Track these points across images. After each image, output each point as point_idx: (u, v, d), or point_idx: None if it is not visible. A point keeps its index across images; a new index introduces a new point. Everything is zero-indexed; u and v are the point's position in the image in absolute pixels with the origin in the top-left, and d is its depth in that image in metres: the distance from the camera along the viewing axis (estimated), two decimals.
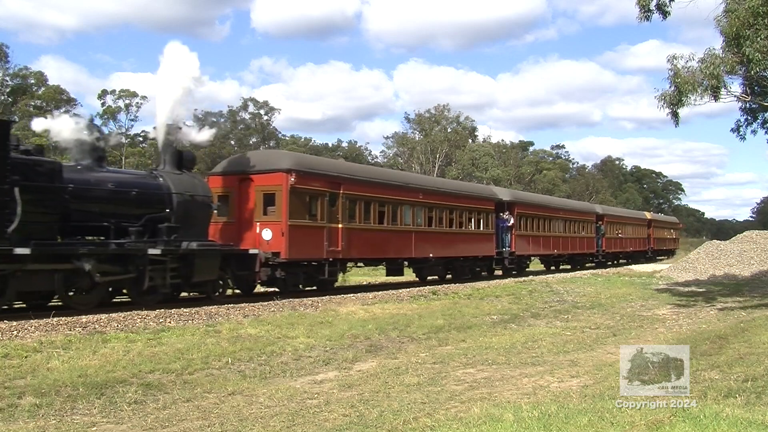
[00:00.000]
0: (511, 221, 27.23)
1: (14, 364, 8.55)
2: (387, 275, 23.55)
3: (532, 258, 32.55)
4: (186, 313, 12.83)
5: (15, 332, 10.16)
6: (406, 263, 22.49)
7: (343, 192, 18.45)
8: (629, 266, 38.11)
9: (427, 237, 22.23)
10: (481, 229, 25.74)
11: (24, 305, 13.14)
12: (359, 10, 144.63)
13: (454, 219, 23.92)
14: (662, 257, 51.04)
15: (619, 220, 42.33)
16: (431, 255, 22.30)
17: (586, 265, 37.08)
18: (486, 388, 8.40)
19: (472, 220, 25.27)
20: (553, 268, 34.83)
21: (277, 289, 17.28)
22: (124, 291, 14.75)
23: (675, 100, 16.26)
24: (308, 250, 17.35)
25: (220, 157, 47.30)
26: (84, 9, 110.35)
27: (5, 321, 10.92)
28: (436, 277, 24.20)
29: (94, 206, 13.60)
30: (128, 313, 12.47)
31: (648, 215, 51.03)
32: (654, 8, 16.37)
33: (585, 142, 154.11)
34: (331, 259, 17.92)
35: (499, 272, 28.14)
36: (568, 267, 35.45)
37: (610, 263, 40.21)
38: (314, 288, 18.33)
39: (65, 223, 13.00)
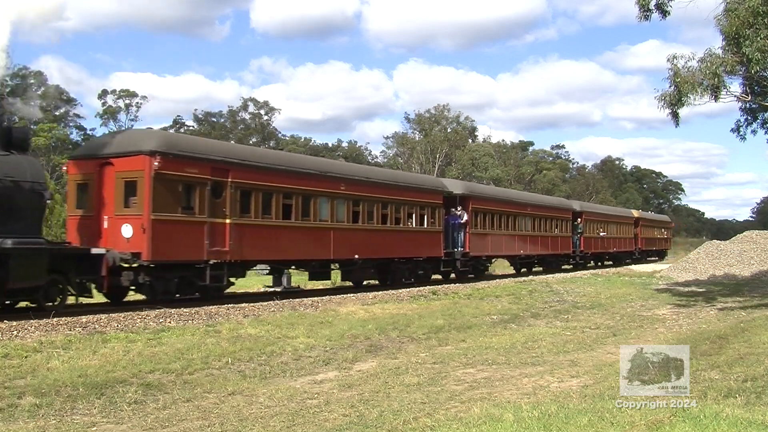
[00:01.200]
0: (465, 217, 23.81)
1: (14, 364, 8.55)
2: (310, 279, 20.11)
3: (494, 259, 29.24)
4: (186, 313, 12.83)
5: (15, 332, 10.16)
6: (336, 265, 19.68)
7: (233, 180, 15.35)
8: (629, 266, 38.07)
9: (352, 235, 19.01)
10: (425, 226, 22.40)
11: (24, 305, 13.11)
12: (359, 10, 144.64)
13: (389, 214, 20.64)
14: (653, 258, 48.25)
15: (601, 218, 38.82)
16: (357, 256, 19.18)
17: (562, 267, 34.19)
18: (486, 388, 8.40)
19: (414, 215, 21.95)
20: (524, 270, 31.39)
21: (144, 296, 15.03)
22: None
23: (675, 100, 16.25)
24: (180, 250, 14.38)
25: None
26: (83, 9, 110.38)
27: (5, 321, 10.92)
28: (374, 281, 21.52)
29: None
30: (128, 313, 12.47)
31: (635, 213, 47.51)
32: (654, 8, 16.37)
33: (585, 142, 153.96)
34: (214, 262, 14.95)
35: (453, 276, 24.98)
36: (540, 269, 32.36)
37: (590, 265, 37.49)
38: (195, 296, 15.32)
39: None
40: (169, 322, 11.89)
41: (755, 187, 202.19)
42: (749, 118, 20.03)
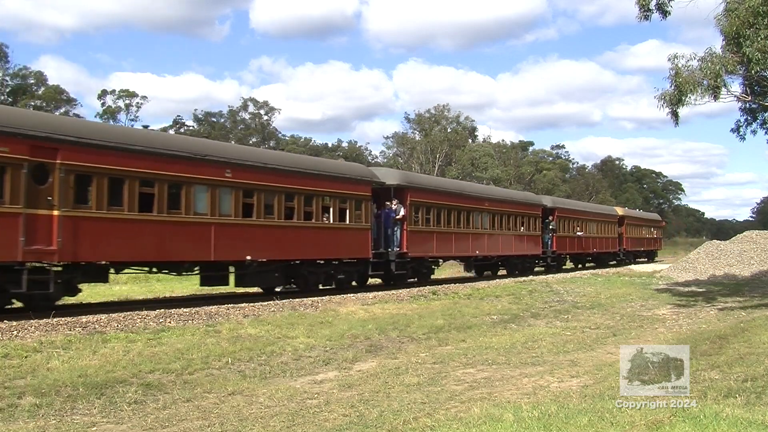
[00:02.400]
0: (401, 212, 20.63)
1: (14, 364, 8.56)
2: (201, 285, 17.10)
3: (442, 261, 25.93)
4: (186, 313, 12.84)
5: (15, 332, 10.16)
6: (232, 269, 16.65)
7: (63, 162, 12.46)
8: (629, 266, 38.03)
9: (242, 232, 15.91)
10: (348, 222, 19.05)
11: (24, 305, 13.11)
12: (359, 10, 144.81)
13: (296, 208, 17.34)
14: (641, 259, 45.59)
15: (578, 215, 35.43)
16: (249, 257, 15.99)
17: (534, 269, 31.14)
18: (486, 388, 8.40)
19: (332, 210, 18.74)
20: (488, 273, 28.54)
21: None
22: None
23: (675, 100, 16.25)
24: None
25: None
26: (83, 9, 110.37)
27: (5, 321, 10.93)
28: (279, 288, 18.27)
29: None
30: (128, 313, 12.48)
31: (619, 211, 43.76)
32: (654, 8, 16.38)
33: (585, 142, 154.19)
34: (35, 264, 12.18)
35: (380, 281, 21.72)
36: (504, 273, 29.05)
37: (566, 267, 34.78)
38: (7, 309, 12.81)
39: None
40: (169, 322, 11.90)
41: (755, 187, 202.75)
42: (749, 118, 20.02)
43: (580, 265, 37.53)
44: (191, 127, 69.55)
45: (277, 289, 18.12)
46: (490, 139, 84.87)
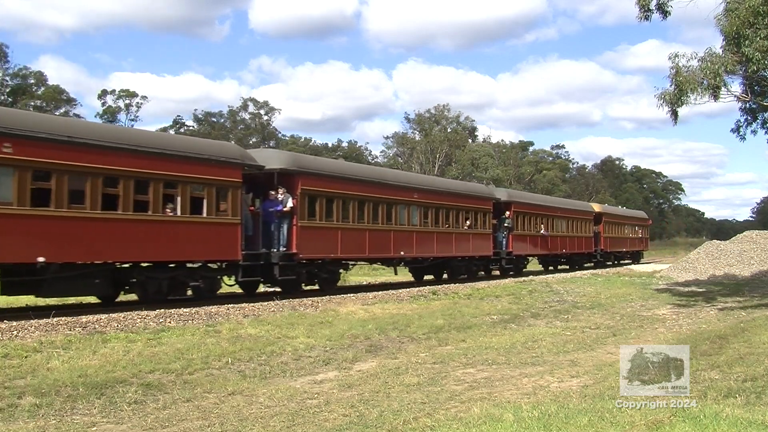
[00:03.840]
0: (289, 203, 16.82)
1: (14, 364, 8.56)
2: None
3: (352, 264, 20.87)
4: (186, 313, 12.84)
5: (15, 332, 10.17)
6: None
7: None
8: (629, 266, 38.00)
9: (27, 226, 12.01)
10: (205, 215, 14.92)
11: (24, 305, 13.11)
12: (358, 9, 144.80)
13: (121, 195, 13.41)
14: (626, 261, 42.22)
15: (542, 211, 30.98)
16: (41, 259, 12.05)
17: (479, 273, 26.72)
18: (486, 388, 8.40)
19: (179, 199, 14.48)
20: (432, 277, 24.83)
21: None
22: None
23: (675, 99, 16.25)
24: None
25: None
26: (83, 9, 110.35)
27: (5, 321, 10.94)
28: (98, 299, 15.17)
29: None
30: (128, 313, 12.48)
31: (596, 207, 39.00)
32: (654, 8, 16.39)
33: (585, 142, 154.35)
34: None
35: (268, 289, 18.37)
36: (445, 277, 25.05)
37: (527, 269, 30.84)
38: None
39: None
40: (169, 322, 11.90)
41: (755, 187, 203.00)
42: (749, 118, 20.02)
43: (551, 267, 33.89)
44: (191, 127, 69.59)
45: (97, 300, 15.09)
46: (490, 139, 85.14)
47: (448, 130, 75.98)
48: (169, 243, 14.33)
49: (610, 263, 39.74)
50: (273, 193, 16.92)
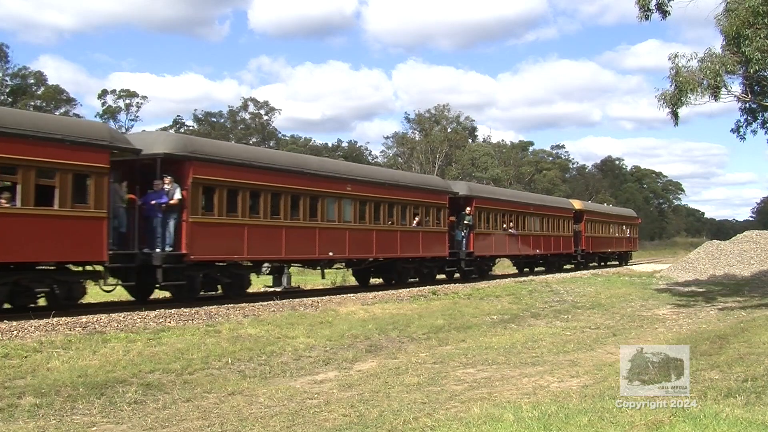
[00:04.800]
0: (176, 195, 14.21)
1: (14, 364, 8.56)
2: None
3: (266, 266, 17.99)
4: (186, 313, 12.85)
5: (15, 332, 10.16)
6: None
7: None
8: (629, 266, 37.98)
9: None
10: (58, 206, 12.24)
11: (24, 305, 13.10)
12: (358, 9, 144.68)
13: None
14: (613, 263, 39.80)
15: (509, 207, 27.66)
16: None
17: (437, 277, 23.71)
18: (486, 388, 8.40)
19: (17, 186, 11.77)
20: (381, 282, 21.93)
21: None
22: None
23: (675, 99, 16.25)
24: None
25: None
26: (82, 9, 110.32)
27: (5, 321, 10.93)
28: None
29: None
30: (128, 313, 12.48)
31: (576, 204, 36.10)
32: (654, 8, 16.39)
33: (585, 142, 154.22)
34: None
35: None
36: (381, 282, 22.17)
37: (493, 273, 27.77)
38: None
39: None
40: (169, 322, 11.90)
41: (755, 187, 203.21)
42: (749, 118, 20.01)
43: (527, 269, 31.13)
44: (191, 127, 69.58)
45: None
46: (490, 139, 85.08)
47: (448, 130, 75.93)
48: (4, 240, 11.58)
49: (594, 264, 37.35)
50: (158, 182, 14.24)
